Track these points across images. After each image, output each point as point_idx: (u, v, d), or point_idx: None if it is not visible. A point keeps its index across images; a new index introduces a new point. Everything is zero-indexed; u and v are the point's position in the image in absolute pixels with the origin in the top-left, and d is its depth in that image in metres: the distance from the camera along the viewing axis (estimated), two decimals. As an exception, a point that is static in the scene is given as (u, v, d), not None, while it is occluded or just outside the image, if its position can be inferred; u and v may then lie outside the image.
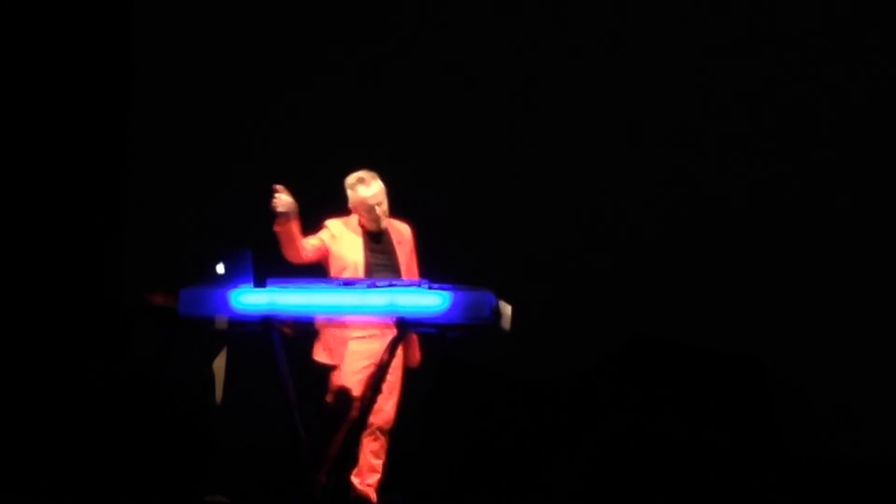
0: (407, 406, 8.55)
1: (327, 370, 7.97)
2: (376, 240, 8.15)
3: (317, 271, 8.02)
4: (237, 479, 8.84)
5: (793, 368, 9.76)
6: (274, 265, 7.75)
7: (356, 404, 7.79)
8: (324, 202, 10.24)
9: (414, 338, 7.96)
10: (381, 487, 8.07)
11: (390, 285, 7.40)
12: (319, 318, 7.67)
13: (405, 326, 7.40)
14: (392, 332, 7.58)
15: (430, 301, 7.24)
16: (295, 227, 7.89)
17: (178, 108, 10.67)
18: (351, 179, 8.21)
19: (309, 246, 8.00)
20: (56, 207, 10.52)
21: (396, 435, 8.35)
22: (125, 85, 10.78)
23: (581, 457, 8.70)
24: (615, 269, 10.01)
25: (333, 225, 8.20)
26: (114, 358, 10.38)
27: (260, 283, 7.49)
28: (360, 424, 7.63)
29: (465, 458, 9.37)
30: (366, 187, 8.15)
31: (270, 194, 7.79)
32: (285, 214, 7.84)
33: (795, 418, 9.72)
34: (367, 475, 8.02)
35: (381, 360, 7.54)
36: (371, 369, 7.83)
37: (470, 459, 9.37)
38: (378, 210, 8.12)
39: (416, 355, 8.08)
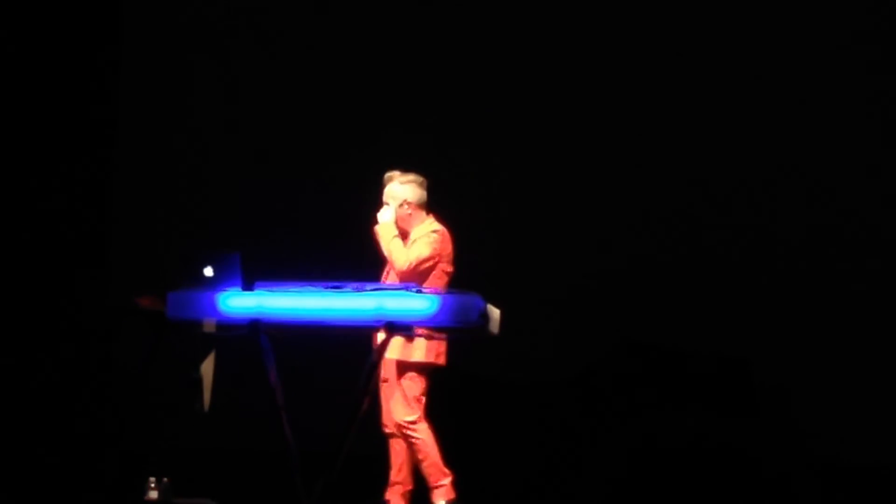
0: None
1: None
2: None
3: (306, 274, 8.00)
4: (225, 483, 8.84)
5: (780, 370, 9.78)
6: (262, 268, 7.74)
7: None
8: (319, 203, 10.28)
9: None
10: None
11: (378, 289, 7.39)
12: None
13: (393, 330, 7.39)
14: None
15: (418, 304, 7.24)
16: None
17: (166, 109, 10.66)
18: None
19: None
20: (43, 209, 10.50)
21: (380, 437, 8.36)
22: (114, 87, 10.76)
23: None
24: (603, 272, 10.02)
25: None
26: (101, 361, 10.37)
27: (248, 286, 7.49)
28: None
29: (453, 460, 9.37)
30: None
31: None
32: None
33: (781, 419, 9.73)
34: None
35: (371, 361, 7.53)
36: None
37: (458, 462, 9.38)
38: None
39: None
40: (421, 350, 7.89)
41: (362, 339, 7.99)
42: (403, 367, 7.96)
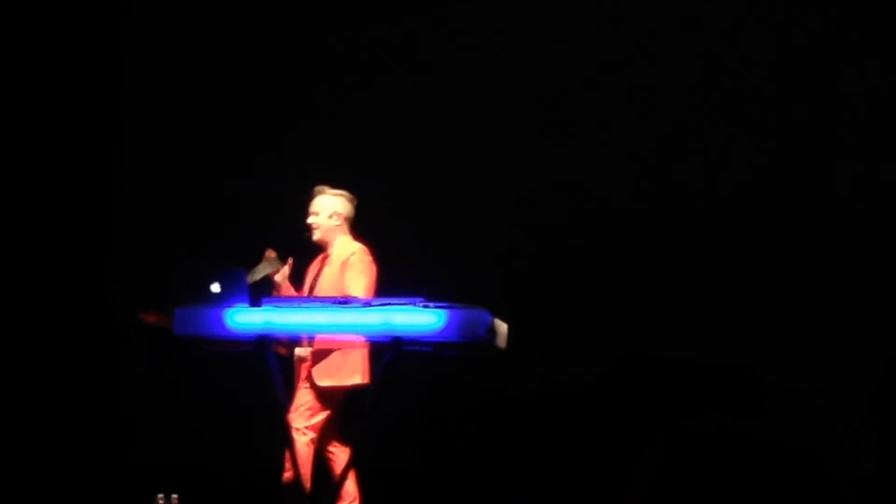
0: (403, 423, 8.54)
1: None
2: (325, 258, 8.18)
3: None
4: (233, 500, 8.84)
5: (787, 379, 9.77)
6: (269, 284, 7.74)
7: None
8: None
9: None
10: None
11: (386, 304, 7.38)
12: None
13: (400, 345, 7.38)
14: None
15: (426, 319, 7.21)
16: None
17: (173, 123, 10.67)
18: None
19: None
20: (50, 225, 10.50)
21: (392, 450, 8.33)
22: (120, 102, 10.78)
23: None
24: (609, 285, 10.02)
25: None
26: (109, 377, 10.38)
27: (255, 301, 7.48)
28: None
29: (461, 474, 9.37)
30: None
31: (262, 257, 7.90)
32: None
33: (789, 428, 9.74)
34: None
35: (376, 380, 7.51)
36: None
37: (465, 476, 9.37)
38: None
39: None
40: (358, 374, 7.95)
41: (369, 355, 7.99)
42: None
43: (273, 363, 7.50)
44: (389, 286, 8.23)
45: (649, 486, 8.51)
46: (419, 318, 7.22)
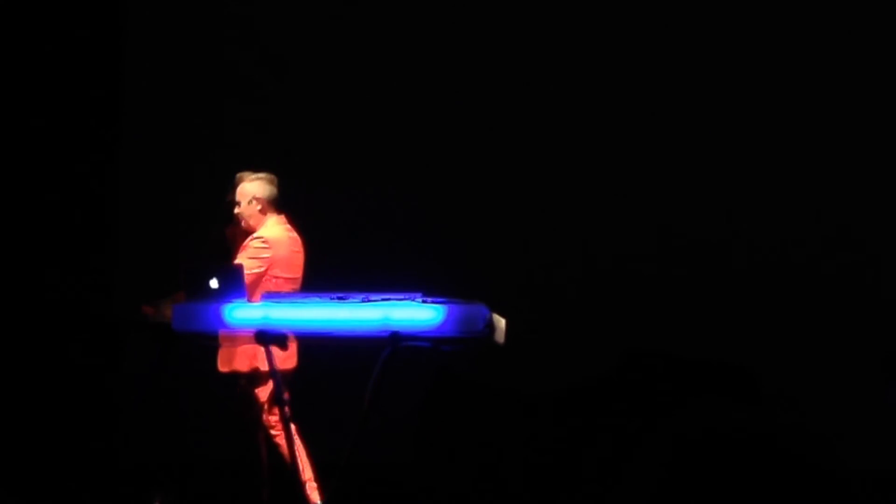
0: (401, 418, 8.55)
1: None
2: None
3: (311, 285, 8.00)
4: (232, 497, 8.84)
5: (785, 377, 9.78)
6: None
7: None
8: (325, 213, 10.31)
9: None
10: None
11: (384, 299, 7.40)
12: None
13: (399, 340, 7.40)
14: None
15: (425, 315, 7.25)
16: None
17: (172, 120, 10.67)
18: None
19: None
20: (48, 220, 10.51)
21: (390, 446, 8.34)
22: (119, 96, 10.78)
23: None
24: (608, 281, 10.02)
25: None
26: (109, 373, 10.39)
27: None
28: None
29: (459, 470, 9.37)
30: None
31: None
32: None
33: (787, 427, 9.73)
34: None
35: (375, 375, 7.52)
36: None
37: (463, 472, 9.38)
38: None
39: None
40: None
41: (368, 350, 8.00)
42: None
43: (271, 358, 7.52)
44: (388, 281, 8.25)
45: (649, 484, 8.51)
46: (417, 314, 7.26)
